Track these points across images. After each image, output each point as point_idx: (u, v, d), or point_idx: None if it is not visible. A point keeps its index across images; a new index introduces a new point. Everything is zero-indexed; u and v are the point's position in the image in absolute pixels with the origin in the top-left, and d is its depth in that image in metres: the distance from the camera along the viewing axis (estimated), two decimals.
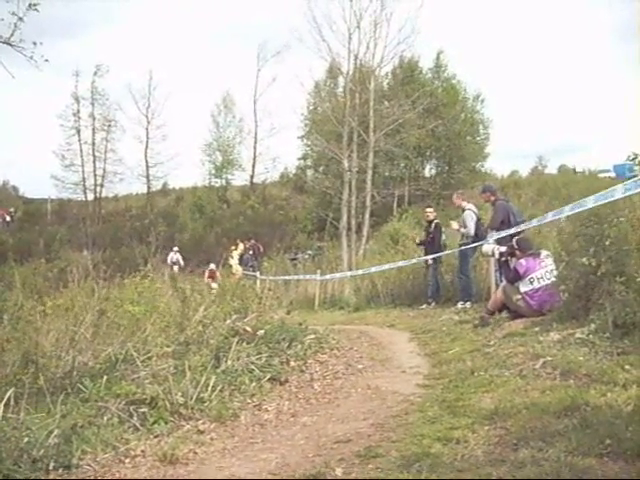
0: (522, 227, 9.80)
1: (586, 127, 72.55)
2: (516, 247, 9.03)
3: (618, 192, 6.62)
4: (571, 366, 5.28)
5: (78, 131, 45.94)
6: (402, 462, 3.66)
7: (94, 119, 46.15)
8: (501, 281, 10.48)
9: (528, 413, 4.22)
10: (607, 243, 6.57)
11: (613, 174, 36.54)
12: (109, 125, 46.72)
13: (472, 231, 12.06)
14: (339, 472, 3.67)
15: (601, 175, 38.91)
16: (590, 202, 7.13)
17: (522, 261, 8.57)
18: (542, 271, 8.33)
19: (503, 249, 9.68)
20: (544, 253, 8.62)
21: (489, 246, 10.47)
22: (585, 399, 4.20)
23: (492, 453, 3.60)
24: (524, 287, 8.45)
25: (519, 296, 8.58)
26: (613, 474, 2.90)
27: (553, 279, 8.13)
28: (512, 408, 4.42)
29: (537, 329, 7.38)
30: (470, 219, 12.27)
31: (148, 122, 47.66)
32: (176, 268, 23.82)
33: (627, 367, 4.84)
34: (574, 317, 7.08)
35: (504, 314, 8.90)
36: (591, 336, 6.11)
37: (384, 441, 4.24)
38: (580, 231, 7.38)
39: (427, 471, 3.39)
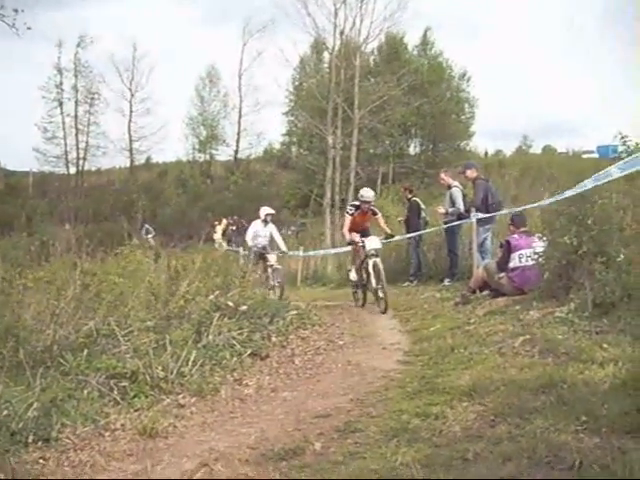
0: (528, 207, 9.87)
1: (572, 109, 72.61)
2: (510, 223, 9.11)
3: (615, 172, 6.63)
4: (550, 344, 5.33)
5: (61, 103, 45.48)
6: (381, 437, 3.69)
7: (77, 91, 45.72)
8: (483, 259, 10.57)
9: (506, 390, 4.26)
10: (589, 222, 6.62)
11: (596, 155, 36.80)
12: (92, 98, 46.27)
13: (462, 207, 12.14)
14: (318, 446, 3.70)
15: (585, 156, 39.15)
16: (590, 183, 7.14)
17: (515, 235, 8.64)
18: (531, 251, 8.37)
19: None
20: (537, 235, 8.66)
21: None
22: (563, 377, 4.24)
23: (470, 429, 3.64)
24: (512, 262, 8.51)
25: (501, 274, 8.64)
26: (588, 450, 2.94)
27: (539, 260, 8.18)
28: (490, 385, 4.45)
29: (518, 307, 7.44)
30: (459, 196, 12.36)
31: (132, 95, 47.32)
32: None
33: (605, 346, 4.89)
34: (554, 296, 7.13)
35: (485, 292, 8.96)
36: (570, 315, 6.16)
37: (363, 416, 4.27)
38: (563, 210, 7.42)
39: (405, 446, 3.42)
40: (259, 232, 14.19)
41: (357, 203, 11.08)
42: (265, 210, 14.58)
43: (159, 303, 6.98)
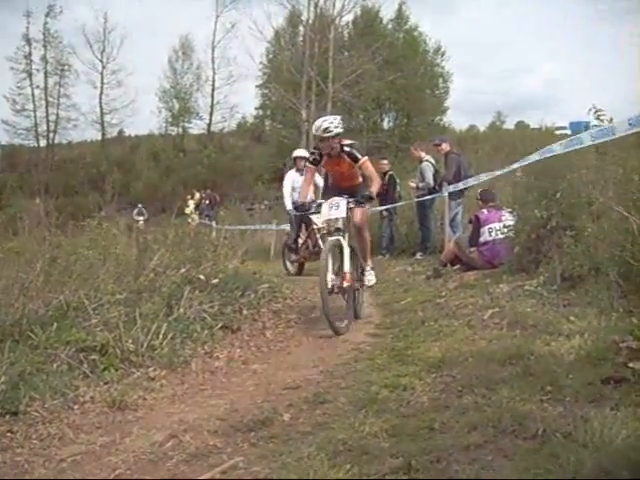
0: (484, 177, 9.87)
1: (546, 84, 72.74)
2: (479, 198, 9.19)
3: (586, 140, 6.63)
4: (518, 317, 5.40)
5: (30, 75, 44.67)
6: (349, 408, 3.72)
7: (47, 62, 44.88)
8: (454, 234, 10.65)
9: (474, 361, 4.31)
10: (558, 196, 6.69)
11: (569, 131, 37.03)
12: (62, 69, 45.46)
13: (432, 182, 12.22)
14: (287, 417, 3.72)
15: (558, 132, 39.36)
16: (558, 149, 7.15)
17: (484, 210, 8.73)
18: (500, 224, 8.47)
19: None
20: (506, 209, 8.75)
21: None
22: (530, 348, 4.30)
23: (437, 399, 3.68)
24: (482, 237, 8.60)
25: (472, 249, 8.72)
26: (552, 419, 2.99)
27: (508, 234, 8.27)
28: (459, 357, 4.51)
29: (488, 281, 7.53)
30: (428, 170, 12.43)
31: (103, 67, 46.59)
32: None
33: (572, 318, 4.95)
34: (524, 270, 7.22)
35: (457, 266, 9.05)
36: (539, 288, 6.25)
37: (333, 388, 4.30)
38: (534, 184, 7.49)
39: (373, 416, 3.45)
40: (298, 184, 11.06)
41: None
42: (296, 153, 11.84)
43: (129, 276, 6.93)
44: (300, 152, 11.93)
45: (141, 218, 23.44)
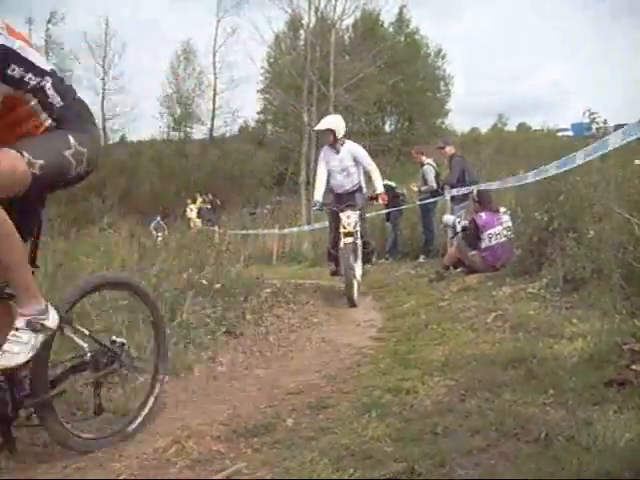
0: (495, 186, 9.81)
1: (548, 86, 72.72)
2: (476, 200, 9.17)
3: (579, 158, 6.69)
4: (521, 320, 5.40)
5: None
6: (352, 412, 3.71)
7: None
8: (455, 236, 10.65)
9: (477, 365, 4.31)
10: (560, 199, 6.70)
11: (571, 133, 37.01)
12: (64, 75, 45.36)
13: (435, 185, 12.24)
14: (290, 422, 3.71)
15: (559, 134, 39.35)
16: (552, 169, 7.25)
17: (482, 214, 8.71)
18: (499, 228, 8.48)
19: (465, 223, 9.54)
20: (502, 210, 8.75)
21: (450, 217, 10.53)
22: (532, 351, 4.30)
23: (440, 403, 3.67)
24: (483, 243, 8.59)
25: (474, 252, 8.72)
26: (554, 422, 2.99)
27: (510, 235, 8.29)
28: (462, 360, 4.51)
29: (490, 284, 7.52)
30: (430, 173, 12.46)
31: (104, 73, 46.63)
32: None
33: (574, 321, 4.96)
34: (527, 272, 7.23)
35: (459, 269, 9.05)
36: (542, 291, 6.26)
37: (335, 392, 4.30)
38: (536, 187, 7.51)
39: (376, 421, 3.45)
40: (333, 164, 8.98)
41: None
42: (318, 126, 9.44)
43: None
44: (323, 124, 9.37)
45: (160, 234, 22.83)
